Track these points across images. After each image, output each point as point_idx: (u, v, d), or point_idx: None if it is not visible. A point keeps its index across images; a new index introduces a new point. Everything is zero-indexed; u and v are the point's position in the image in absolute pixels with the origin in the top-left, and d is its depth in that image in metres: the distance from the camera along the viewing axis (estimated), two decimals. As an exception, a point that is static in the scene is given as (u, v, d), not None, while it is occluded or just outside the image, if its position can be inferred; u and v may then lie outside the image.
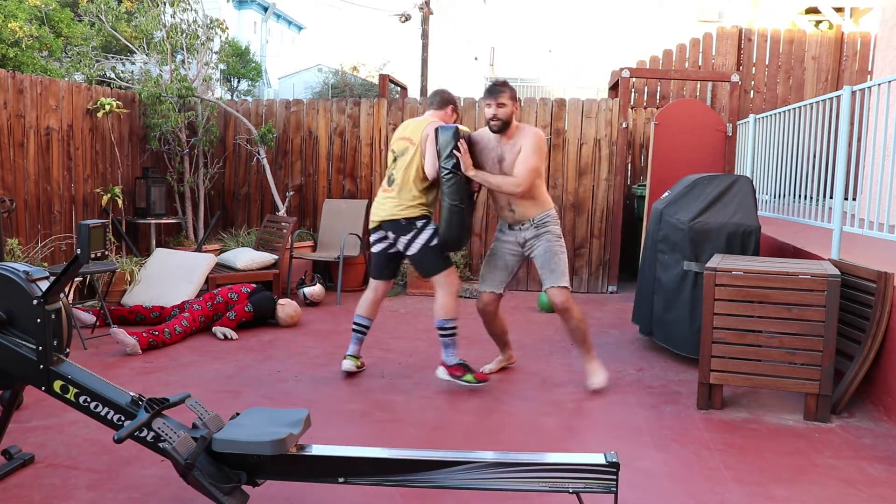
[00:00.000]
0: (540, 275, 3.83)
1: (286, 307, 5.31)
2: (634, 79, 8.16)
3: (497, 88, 3.74)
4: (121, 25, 8.57)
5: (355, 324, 4.11)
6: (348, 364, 4.04)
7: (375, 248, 4.02)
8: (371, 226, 3.99)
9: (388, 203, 3.86)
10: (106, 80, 7.60)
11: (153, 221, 6.52)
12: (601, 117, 6.96)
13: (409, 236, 3.83)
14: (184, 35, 6.88)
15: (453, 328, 3.84)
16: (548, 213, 3.87)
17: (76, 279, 5.41)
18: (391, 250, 3.98)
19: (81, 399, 2.42)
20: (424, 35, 18.66)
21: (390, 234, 3.90)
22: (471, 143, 3.81)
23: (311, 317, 5.65)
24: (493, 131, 3.75)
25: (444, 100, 4.06)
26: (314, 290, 6.06)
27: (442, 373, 3.89)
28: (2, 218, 4.64)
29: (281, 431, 2.27)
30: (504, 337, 4.18)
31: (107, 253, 6.04)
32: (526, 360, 4.44)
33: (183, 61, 7.09)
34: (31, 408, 3.39)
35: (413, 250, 3.85)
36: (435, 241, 3.83)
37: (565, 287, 3.75)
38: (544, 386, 3.96)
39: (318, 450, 2.34)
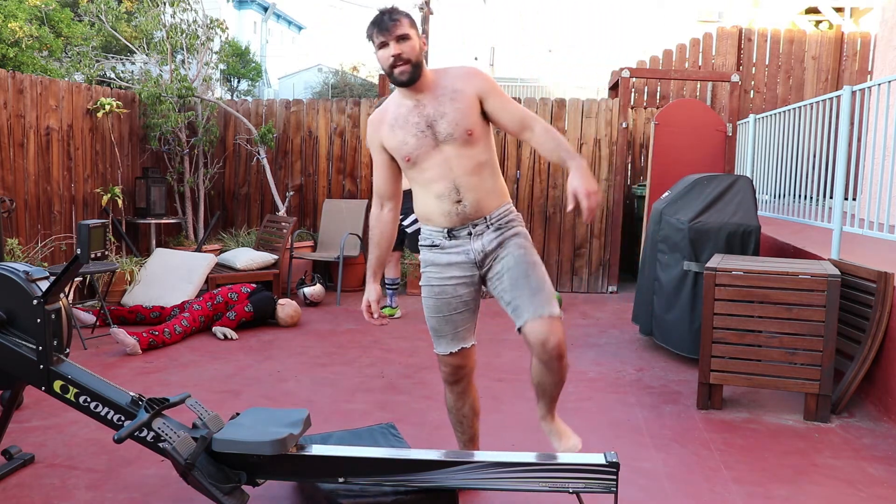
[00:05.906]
0: (511, 302, 2.35)
1: (286, 307, 5.31)
2: (634, 79, 8.16)
3: (387, 17, 2.30)
4: (121, 25, 8.58)
5: None
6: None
7: None
8: None
9: None
10: (106, 80, 7.60)
11: (153, 221, 6.51)
12: (601, 117, 6.95)
13: None
14: (184, 35, 6.88)
15: None
16: (509, 206, 2.48)
17: (76, 279, 5.41)
18: None
19: (81, 399, 2.42)
20: (424, 35, 18.68)
21: None
22: (377, 125, 2.48)
23: (311, 317, 5.65)
24: (401, 83, 2.34)
25: None
26: (314, 290, 6.06)
27: None
28: (2, 218, 4.64)
29: (281, 431, 2.27)
30: (474, 421, 2.67)
31: (107, 253, 6.04)
32: (526, 359, 4.43)
33: (183, 61, 7.09)
34: (31, 408, 3.39)
35: None
36: None
37: (559, 316, 2.32)
38: (544, 386, 3.96)
39: (318, 450, 2.34)
